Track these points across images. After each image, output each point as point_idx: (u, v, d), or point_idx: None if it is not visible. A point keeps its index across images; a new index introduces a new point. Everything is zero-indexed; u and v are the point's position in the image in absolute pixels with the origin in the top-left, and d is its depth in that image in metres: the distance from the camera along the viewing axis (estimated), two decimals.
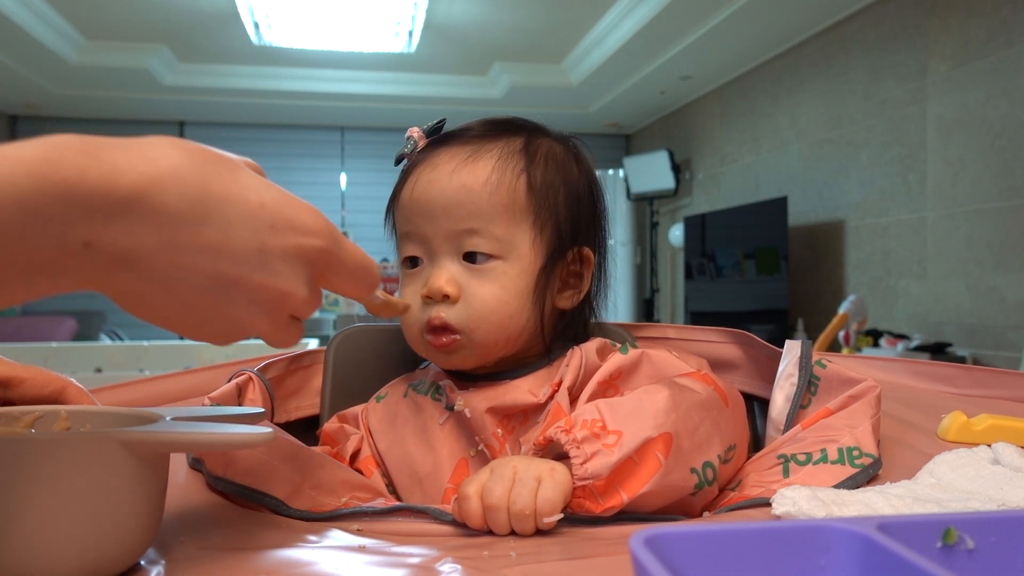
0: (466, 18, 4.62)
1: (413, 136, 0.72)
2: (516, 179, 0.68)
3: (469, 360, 0.68)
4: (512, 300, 0.67)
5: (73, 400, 0.56)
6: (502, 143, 0.70)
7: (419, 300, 0.68)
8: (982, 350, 3.19)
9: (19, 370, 0.55)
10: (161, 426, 0.43)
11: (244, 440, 0.43)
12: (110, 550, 0.41)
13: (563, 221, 0.70)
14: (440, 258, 0.68)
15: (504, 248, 0.67)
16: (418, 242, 0.69)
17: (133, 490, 0.41)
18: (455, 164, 0.68)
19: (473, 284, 0.67)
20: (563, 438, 0.53)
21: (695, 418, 0.57)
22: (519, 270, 0.67)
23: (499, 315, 0.66)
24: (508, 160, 0.69)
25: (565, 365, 0.68)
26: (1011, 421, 0.63)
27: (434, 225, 0.67)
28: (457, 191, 0.67)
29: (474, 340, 0.67)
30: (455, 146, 0.70)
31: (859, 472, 0.57)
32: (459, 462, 0.67)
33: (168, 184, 0.38)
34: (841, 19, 4.06)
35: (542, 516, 0.50)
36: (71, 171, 0.35)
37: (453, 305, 0.66)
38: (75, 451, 0.39)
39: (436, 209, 0.67)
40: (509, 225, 0.67)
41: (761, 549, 0.28)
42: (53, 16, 4.59)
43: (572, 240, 0.71)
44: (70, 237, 0.35)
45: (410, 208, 0.69)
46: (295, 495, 0.56)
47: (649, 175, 5.95)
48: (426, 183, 0.68)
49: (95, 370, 3.26)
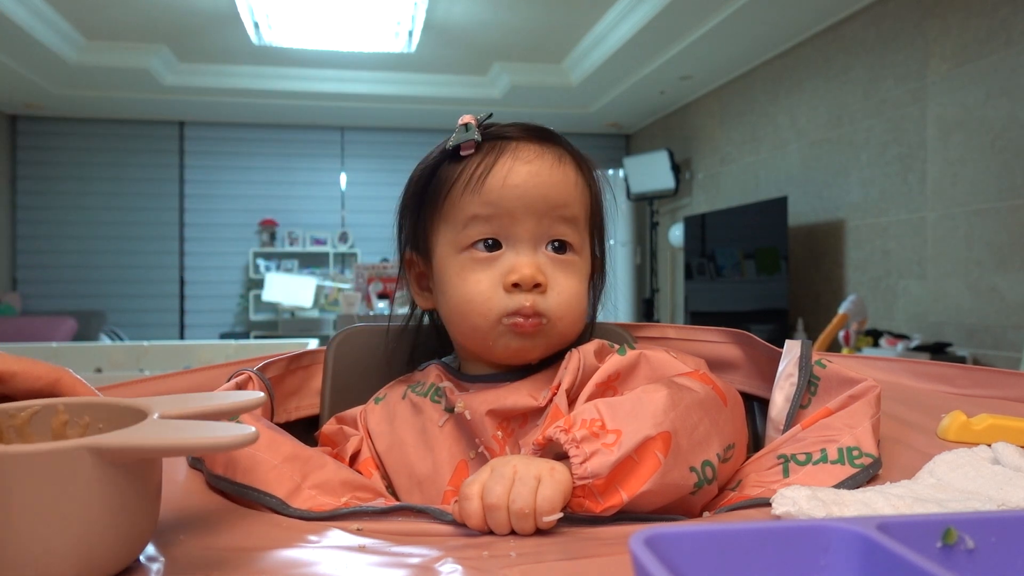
0: (466, 18, 4.62)
1: (471, 123, 0.71)
2: (587, 189, 0.73)
3: (540, 347, 0.69)
4: (584, 295, 0.71)
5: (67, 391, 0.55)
6: (569, 152, 0.73)
7: (498, 288, 0.68)
8: (982, 350, 3.19)
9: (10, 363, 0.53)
10: (138, 430, 0.42)
11: (224, 442, 0.41)
12: (96, 557, 0.40)
13: (597, 227, 0.76)
14: (525, 245, 0.69)
15: (579, 245, 0.71)
16: (502, 227, 0.69)
17: (114, 497, 0.40)
18: (550, 160, 0.70)
19: (559, 275, 0.69)
20: (562, 437, 0.53)
21: (694, 417, 0.57)
22: (584, 268, 0.72)
23: (580, 308, 0.70)
24: (579, 169, 0.73)
25: (564, 368, 0.68)
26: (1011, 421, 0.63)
27: (530, 212, 0.68)
28: (559, 186, 0.69)
29: (557, 329, 0.68)
30: (533, 144, 0.71)
31: (859, 472, 0.57)
32: (459, 464, 0.67)
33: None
34: (841, 19, 4.06)
35: (542, 515, 0.50)
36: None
37: (543, 294, 0.68)
38: (46, 463, 0.38)
39: (536, 198, 0.68)
40: (583, 227, 0.72)
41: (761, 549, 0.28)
42: (53, 16, 4.59)
43: (600, 245, 0.77)
44: None
45: (505, 195, 0.68)
46: (295, 495, 0.56)
47: (649, 175, 5.95)
48: (526, 174, 0.69)
49: (95, 370, 3.26)
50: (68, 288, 6.63)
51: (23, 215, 6.61)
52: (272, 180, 6.95)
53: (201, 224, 6.89)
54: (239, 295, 6.97)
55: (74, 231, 6.65)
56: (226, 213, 6.89)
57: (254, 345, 4.16)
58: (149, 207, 6.77)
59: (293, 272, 6.79)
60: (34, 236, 6.61)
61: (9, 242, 6.55)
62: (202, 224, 6.89)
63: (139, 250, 6.76)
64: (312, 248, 6.95)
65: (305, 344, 3.63)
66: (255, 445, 0.57)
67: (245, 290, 6.92)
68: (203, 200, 6.87)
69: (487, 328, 0.68)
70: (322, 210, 7.04)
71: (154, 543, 0.47)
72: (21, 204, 6.61)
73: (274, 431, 0.61)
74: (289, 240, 6.91)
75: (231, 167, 6.90)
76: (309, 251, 6.95)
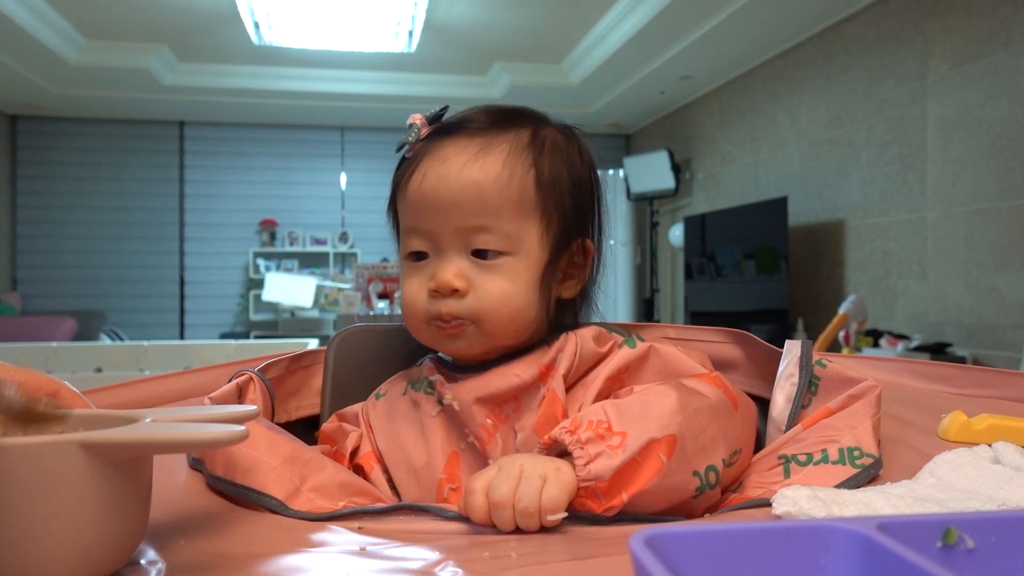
0: (466, 18, 4.62)
1: (416, 123, 0.70)
2: (525, 174, 0.68)
3: (475, 346, 0.68)
4: (521, 294, 0.67)
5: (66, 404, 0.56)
6: (511, 136, 0.69)
7: (425, 293, 0.67)
8: (982, 350, 3.19)
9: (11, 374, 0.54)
10: (132, 428, 0.42)
11: (213, 439, 0.41)
12: (88, 555, 0.40)
13: (568, 213, 0.70)
14: (448, 253, 0.67)
15: (513, 244, 0.67)
16: (425, 237, 0.68)
17: (105, 494, 0.40)
18: (465, 159, 0.67)
19: (482, 278, 0.66)
20: (567, 439, 0.54)
21: (702, 421, 0.57)
22: (527, 264, 0.68)
23: (509, 308, 0.66)
24: (518, 155, 0.68)
25: (559, 350, 0.68)
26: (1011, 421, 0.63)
27: (443, 221, 0.67)
28: (467, 188, 0.66)
29: (483, 330, 0.67)
30: (463, 138, 0.68)
31: (860, 472, 0.57)
32: (451, 455, 0.67)
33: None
34: (841, 19, 4.06)
35: (546, 514, 0.50)
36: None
37: (462, 299, 0.66)
38: (38, 456, 0.38)
39: (445, 205, 0.66)
40: (518, 221, 0.67)
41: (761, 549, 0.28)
42: (53, 16, 4.59)
43: (576, 231, 0.72)
44: None
45: (418, 203, 0.68)
46: (294, 497, 0.56)
47: (649, 175, 5.95)
48: (435, 178, 0.67)
49: (95, 370, 3.26)
50: (68, 288, 6.63)
51: (23, 215, 6.61)
52: (272, 180, 6.95)
53: (201, 224, 6.89)
54: (239, 295, 6.96)
55: (74, 231, 6.65)
56: (226, 213, 6.89)
57: (254, 345, 4.16)
58: (149, 207, 6.77)
59: (293, 272, 6.79)
60: (34, 236, 6.61)
61: (9, 242, 6.55)
62: (202, 224, 6.89)
63: (139, 250, 6.76)
64: (312, 248, 6.95)
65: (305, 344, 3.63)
66: (255, 446, 0.57)
67: (245, 290, 6.92)
68: (203, 200, 6.87)
69: (422, 329, 0.69)
70: (322, 210, 7.04)
71: (154, 544, 0.46)
72: (21, 204, 6.60)
73: (274, 431, 0.61)
74: (289, 240, 6.91)
75: (231, 167, 6.90)
76: (309, 251, 6.95)
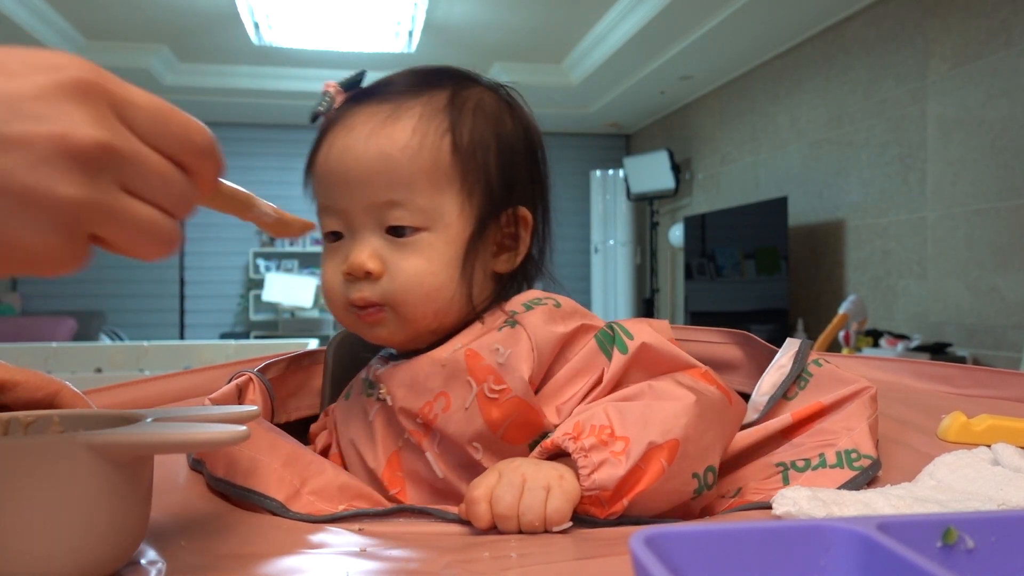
0: (466, 18, 4.62)
1: (329, 91, 0.65)
2: (440, 140, 0.62)
3: (396, 335, 0.63)
4: (440, 272, 0.61)
5: (67, 404, 0.56)
6: (424, 99, 0.63)
7: (340, 277, 0.63)
8: (982, 350, 3.19)
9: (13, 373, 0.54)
10: (133, 428, 0.42)
11: (215, 439, 0.41)
12: (88, 555, 0.40)
13: (495, 181, 0.64)
14: (361, 232, 0.62)
15: (429, 218, 0.61)
16: (337, 216, 0.63)
17: (106, 494, 0.40)
18: (371, 127, 0.61)
19: (396, 258, 0.61)
20: (571, 446, 0.53)
21: (704, 423, 0.56)
22: (446, 240, 0.62)
23: (425, 288, 0.61)
24: (431, 119, 0.62)
25: (505, 349, 0.60)
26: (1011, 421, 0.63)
27: (352, 198, 0.62)
28: (374, 159, 0.61)
29: (400, 314, 0.62)
30: (373, 104, 0.63)
31: (859, 474, 0.57)
32: (391, 455, 0.64)
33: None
34: (841, 19, 4.06)
35: (552, 527, 0.50)
36: None
37: (376, 282, 0.61)
38: (39, 455, 0.38)
39: (353, 180, 0.61)
40: (434, 193, 0.61)
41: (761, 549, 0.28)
42: (53, 16, 4.59)
43: (506, 200, 0.65)
44: None
45: (326, 179, 0.63)
46: (294, 499, 0.56)
47: (649, 175, 5.95)
48: (341, 150, 0.62)
49: (95, 370, 3.26)
50: (68, 288, 6.62)
51: None
52: (272, 180, 6.94)
53: (201, 224, 6.88)
54: (239, 295, 6.96)
55: None
56: None
57: (254, 345, 4.16)
58: None
59: (293, 272, 6.79)
60: None
61: None
62: (202, 224, 6.88)
63: None
64: (312, 248, 6.94)
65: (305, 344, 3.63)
66: (255, 447, 0.57)
67: (245, 290, 6.92)
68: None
69: (344, 316, 0.65)
70: None
71: (154, 545, 0.47)
72: None
73: (275, 433, 0.61)
74: (289, 240, 6.92)
75: (231, 167, 6.74)
76: (309, 251, 6.94)
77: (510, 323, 0.62)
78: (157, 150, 0.36)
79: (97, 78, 0.34)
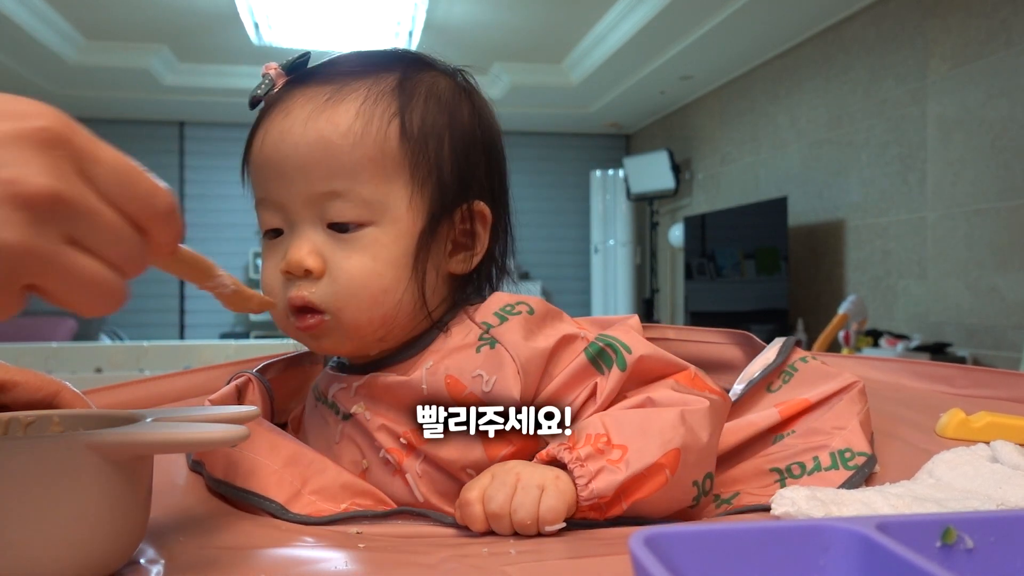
0: (466, 18, 4.61)
1: (269, 73, 0.59)
2: (387, 126, 0.56)
3: (343, 345, 0.59)
4: (386, 271, 0.56)
5: (67, 404, 0.56)
6: (371, 80, 0.58)
7: (280, 276, 0.58)
8: (982, 350, 3.19)
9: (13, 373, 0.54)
10: (133, 428, 0.42)
11: (214, 439, 0.41)
12: (89, 555, 0.40)
13: (448, 173, 0.59)
14: (301, 227, 0.57)
15: (374, 211, 0.56)
16: (274, 209, 0.58)
17: (107, 493, 0.40)
18: (310, 109, 0.56)
19: (339, 256, 0.56)
20: (566, 456, 0.52)
21: (702, 430, 0.55)
22: (394, 235, 0.57)
23: (370, 290, 0.56)
24: (377, 102, 0.57)
25: (490, 376, 0.55)
26: (1009, 419, 0.63)
27: (289, 189, 0.57)
28: (313, 145, 0.55)
29: (343, 321, 0.56)
30: (314, 85, 0.58)
31: (855, 473, 0.57)
32: (359, 476, 0.59)
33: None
34: (841, 19, 4.06)
35: (544, 525, 0.49)
36: None
37: (317, 281, 0.56)
38: (40, 455, 0.38)
39: (289, 169, 0.56)
40: (379, 183, 0.56)
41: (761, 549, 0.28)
42: (53, 16, 4.59)
43: (461, 195, 0.60)
44: None
45: (262, 168, 0.58)
46: (294, 500, 0.55)
47: (649, 175, 5.95)
48: (277, 136, 0.57)
49: (95, 370, 3.26)
50: None
51: None
52: None
53: (201, 224, 6.88)
54: None
55: None
56: (226, 213, 6.89)
57: (254, 345, 4.16)
58: None
59: None
60: None
61: None
62: (202, 224, 6.88)
63: None
64: None
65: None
66: (255, 448, 0.57)
67: None
68: (203, 200, 6.87)
69: (283, 325, 0.60)
70: None
71: (154, 545, 0.47)
72: None
73: (275, 433, 0.61)
74: None
75: (231, 167, 6.84)
76: None
77: (488, 342, 0.57)
78: (116, 208, 0.35)
79: (64, 130, 0.34)
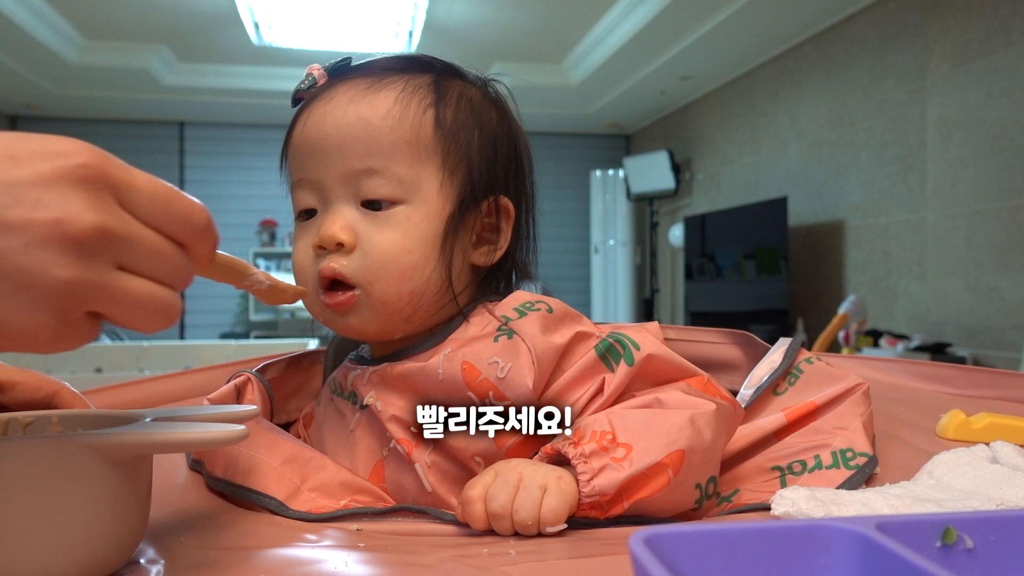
0: (466, 18, 4.62)
1: (313, 73, 0.64)
2: (422, 113, 0.60)
3: (370, 323, 0.60)
4: (415, 248, 0.59)
5: (66, 404, 0.56)
6: (408, 76, 0.62)
7: (311, 253, 0.60)
8: (982, 350, 3.19)
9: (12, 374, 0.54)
10: (132, 428, 0.42)
11: (214, 438, 0.41)
12: (89, 555, 0.40)
13: (476, 167, 0.62)
14: (335, 204, 0.60)
15: (407, 190, 0.59)
16: (311, 189, 0.61)
17: (107, 493, 0.40)
18: (352, 95, 0.60)
19: (371, 231, 0.58)
20: (571, 451, 0.52)
21: (709, 434, 0.55)
22: (424, 215, 0.59)
23: (400, 264, 0.58)
24: (414, 93, 0.61)
25: (505, 363, 0.56)
26: (1009, 419, 0.63)
27: (327, 166, 0.59)
28: (353, 124, 0.59)
29: (373, 296, 0.58)
30: (355, 78, 0.62)
31: (855, 473, 0.57)
32: (375, 465, 0.61)
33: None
34: (841, 19, 4.06)
35: (545, 526, 0.49)
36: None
37: (348, 255, 0.58)
38: (37, 454, 0.38)
39: (330, 147, 0.59)
40: (413, 164, 0.59)
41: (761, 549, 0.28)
42: (53, 16, 4.59)
43: (488, 188, 0.63)
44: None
45: (301, 149, 0.61)
46: (294, 497, 0.55)
47: (649, 175, 5.95)
48: (319, 118, 0.60)
49: (95, 370, 3.26)
50: None
51: None
52: (272, 180, 6.91)
53: None
54: (239, 295, 6.96)
55: None
56: (226, 213, 6.89)
57: (254, 345, 4.16)
58: None
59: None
60: None
61: None
62: None
63: None
64: None
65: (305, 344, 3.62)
66: (254, 447, 0.57)
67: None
68: (203, 200, 6.66)
69: (312, 305, 0.62)
70: None
71: (154, 544, 0.47)
72: None
73: (274, 432, 0.61)
74: (289, 240, 6.91)
75: (231, 167, 6.89)
76: None
77: (506, 332, 0.58)
78: (157, 230, 0.38)
79: (101, 163, 0.36)
